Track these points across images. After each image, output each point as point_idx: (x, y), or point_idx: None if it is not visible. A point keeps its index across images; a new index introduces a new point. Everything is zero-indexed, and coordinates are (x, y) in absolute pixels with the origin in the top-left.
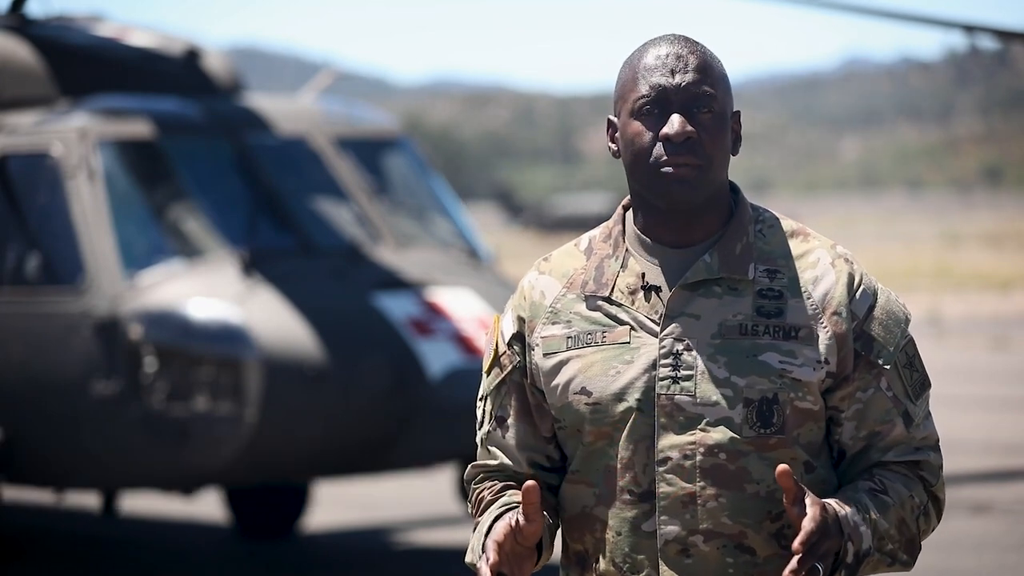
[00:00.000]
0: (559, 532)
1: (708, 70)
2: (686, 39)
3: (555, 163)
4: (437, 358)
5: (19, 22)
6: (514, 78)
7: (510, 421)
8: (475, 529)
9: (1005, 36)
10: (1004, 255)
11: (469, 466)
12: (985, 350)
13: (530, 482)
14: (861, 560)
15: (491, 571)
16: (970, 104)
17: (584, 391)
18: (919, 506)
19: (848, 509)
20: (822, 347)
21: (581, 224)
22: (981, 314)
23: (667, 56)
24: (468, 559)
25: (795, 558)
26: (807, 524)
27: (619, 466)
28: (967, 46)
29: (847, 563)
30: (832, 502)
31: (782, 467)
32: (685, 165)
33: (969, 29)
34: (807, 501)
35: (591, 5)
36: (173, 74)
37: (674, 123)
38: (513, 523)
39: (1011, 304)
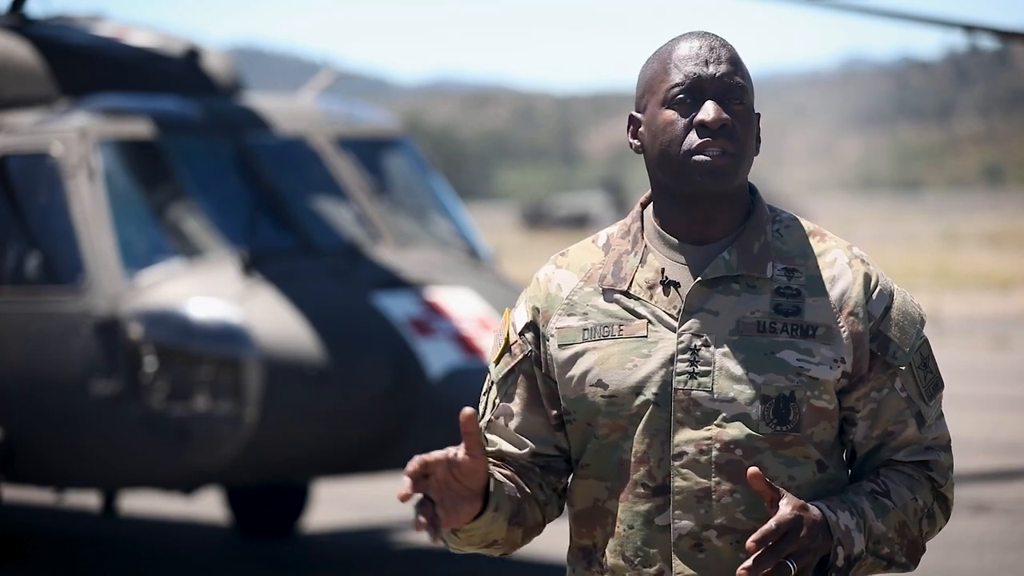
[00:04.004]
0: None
1: (739, 64)
2: (716, 35)
3: (555, 163)
4: (437, 358)
5: (19, 22)
6: (514, 78)
7: (517, 409)
8: None
9: (1005, 36)
10: (1004, 255)
11: None
12: (985, 350)
13: (467, 409)
14: (852, 563)
15: (410, 477)
16: (970, 104)
17: (600, 383)
18: (922, 508)
19: (841, 513)
20: (839, 346)
21: (581, 222)
22: (981, 314)
23: (700, 47)
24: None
25: (751, 556)
26: (768, 524)
27: (633, 460)
28: (967, 46)
29: (837, 566)
30: (823, 505)
31: (752, 471)
32: (720, 153)
33: (969, 29)
34: (782, 503)
35: (591, 5)
36: (173, 74)
37: (709, 110)
38: (452, 454)
39: (1011, 304)
